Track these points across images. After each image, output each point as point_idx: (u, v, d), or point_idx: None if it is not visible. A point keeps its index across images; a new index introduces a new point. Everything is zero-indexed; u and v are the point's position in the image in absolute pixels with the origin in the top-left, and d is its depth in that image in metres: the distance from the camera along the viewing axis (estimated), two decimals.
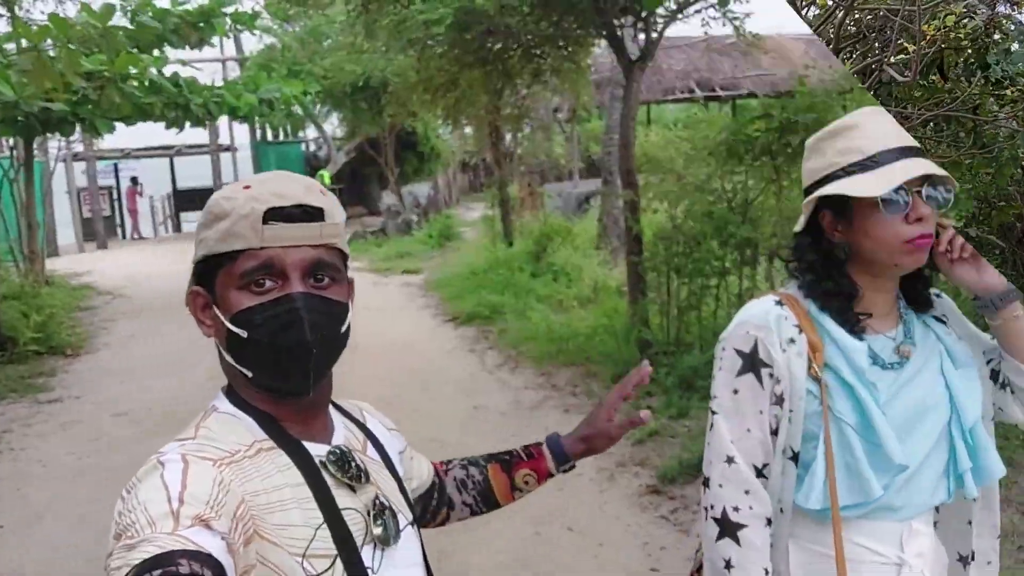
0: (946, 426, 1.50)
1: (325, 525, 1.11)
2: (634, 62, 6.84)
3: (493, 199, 12.63)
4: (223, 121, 18.14)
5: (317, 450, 1.18)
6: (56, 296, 9.94)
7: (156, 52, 9.43)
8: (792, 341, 1.50)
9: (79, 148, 19.76)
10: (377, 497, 1.20)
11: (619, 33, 6.84)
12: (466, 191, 27.44)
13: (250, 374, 1.14)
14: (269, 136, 22.13)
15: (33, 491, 5.29)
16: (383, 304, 10.96)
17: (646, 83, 17.81)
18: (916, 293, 1.58)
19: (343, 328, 1.18)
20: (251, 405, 1.17)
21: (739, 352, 1.51)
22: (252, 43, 19.76)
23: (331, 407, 1.30)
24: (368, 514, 1.17)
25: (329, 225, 1.15)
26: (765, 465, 1.50)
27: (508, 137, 12.39)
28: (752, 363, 1.50)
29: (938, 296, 1.63)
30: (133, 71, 6.83)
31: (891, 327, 1.55)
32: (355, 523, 1.16)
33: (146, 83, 10.45)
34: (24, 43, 5.78)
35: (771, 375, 1.49)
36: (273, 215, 1.10)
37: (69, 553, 4.39)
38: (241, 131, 18.53)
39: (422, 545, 1.31)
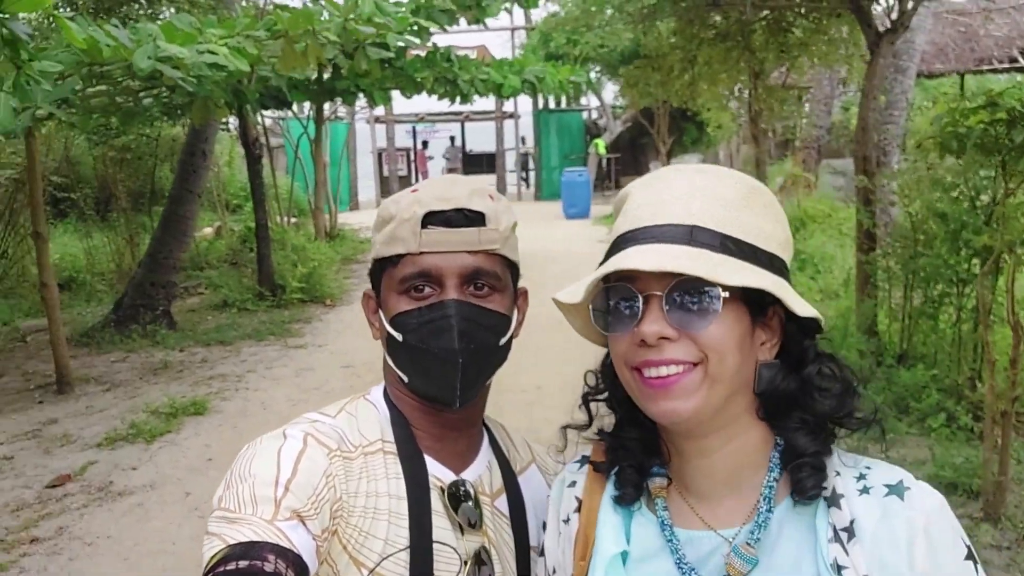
0: None
1: (408, 551, 1.07)
2: (882, 34, 6.09)
3: None
4: None
5: (442, 473, 1.15)
6: (321, 249, 11.00)
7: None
8: (567, 521, 1.06)
9: (381, 112, 21.53)
10: (484, 548, 1.13)
11: (865, 3, 6.10)
12: (751, 163, 26.29)
13: (405, 378, 1.14)
14: (552, 104, 22.65)
15: (247, 430, 5.94)
16: None
17: (956, 51, 15.86)
18: (796, 446, 0.95)
19: (501, 340, 1.14)
20: (395, 405, 1.18)
21: (544, 524, 1.14)
22: (540, 11, 20.22)
23: (489, 445, 1.24)
24: (466, 563, 1.11)
25: (489, 231, 1.11)
26: None
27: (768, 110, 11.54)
28: (542, 546, 1.12)
29: (865, 489, 0.92)
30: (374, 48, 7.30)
31: (737, 520, 0.96)
32: (447, 564, 1.09)
33: (422, 57, 11.19)
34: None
35: (547, 564, 1.08)
36: (432, 219, 1.10)
37: None
38: (525, 98, 19.11)
39: None
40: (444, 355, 1.08)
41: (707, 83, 9.00)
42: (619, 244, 0.96)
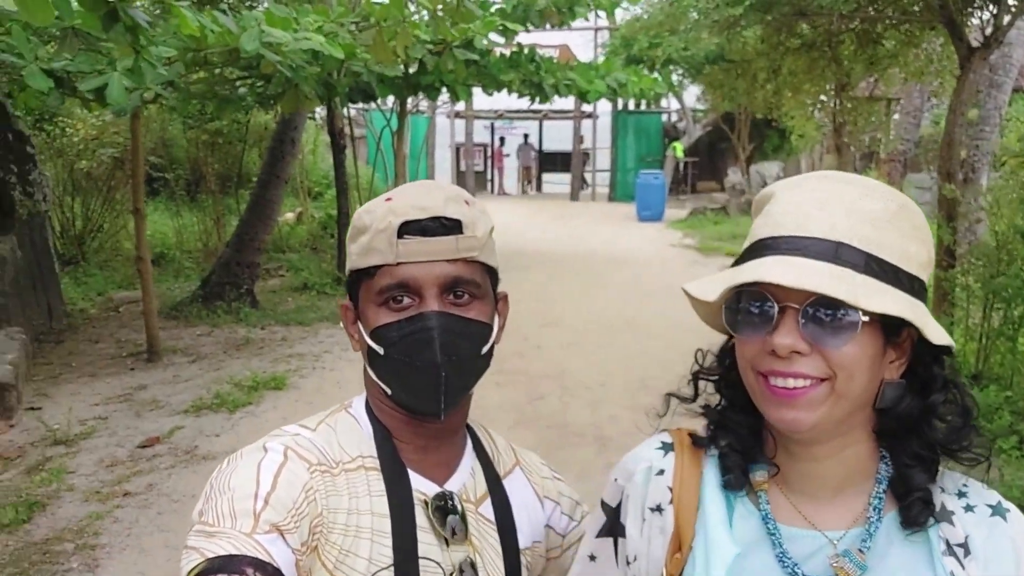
0: None
1: (392, 568, 1.06)
2: (975, 50, 6.01)
3: None
4: None
5: (425, 487, 1.13)
6: None
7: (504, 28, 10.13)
8: (658, 510, 1.04)
9: (461, 107, 21.83)
10: (469, 559, 1.13)
11: (958, 17, 6.03)
12: None
13: (388, 391, 1.13)
14: (631, 105, 22.62)
15: (322, 406, 6.15)
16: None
17: None
18: (909, 479, 0.96)
19: (482, 349, 1.12)
20: (377, 418, 1.16)
21: (604, 505, 1.11)
22: (622, 12, 20.23)
23: (472, 447, 1.23)
24: (451, 574, 1.11)
25: (466, 238, 1.09)
26: None
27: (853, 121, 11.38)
28: (612, 526, 1.09)
29: (969, 507, 0.96)
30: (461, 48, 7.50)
31: (842, 524, 0.97)
32: None
33: (507, 57, 11.38)
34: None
35: (625, 551, 1.07)
36: (409, 229, 1.08)
37: None
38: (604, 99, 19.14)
39: None
40: (427, 368, 1.07)
41: (791, 92, 8.92)
42: (759, 249, 0.95)
